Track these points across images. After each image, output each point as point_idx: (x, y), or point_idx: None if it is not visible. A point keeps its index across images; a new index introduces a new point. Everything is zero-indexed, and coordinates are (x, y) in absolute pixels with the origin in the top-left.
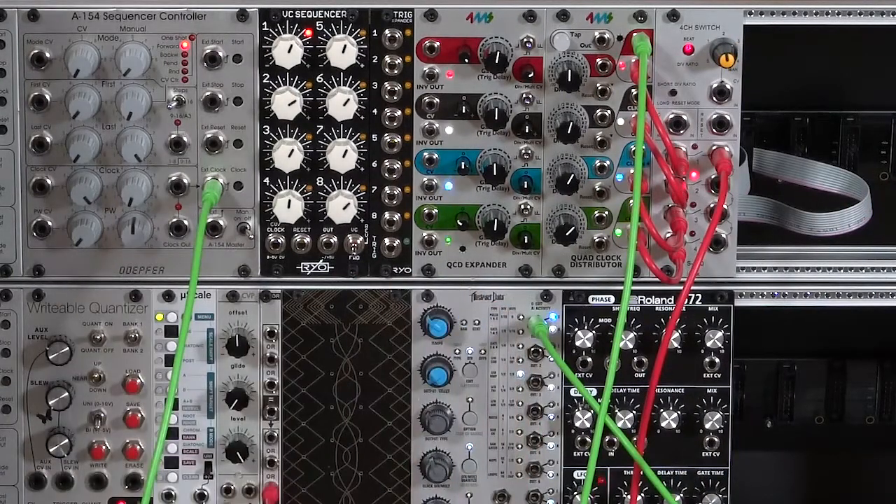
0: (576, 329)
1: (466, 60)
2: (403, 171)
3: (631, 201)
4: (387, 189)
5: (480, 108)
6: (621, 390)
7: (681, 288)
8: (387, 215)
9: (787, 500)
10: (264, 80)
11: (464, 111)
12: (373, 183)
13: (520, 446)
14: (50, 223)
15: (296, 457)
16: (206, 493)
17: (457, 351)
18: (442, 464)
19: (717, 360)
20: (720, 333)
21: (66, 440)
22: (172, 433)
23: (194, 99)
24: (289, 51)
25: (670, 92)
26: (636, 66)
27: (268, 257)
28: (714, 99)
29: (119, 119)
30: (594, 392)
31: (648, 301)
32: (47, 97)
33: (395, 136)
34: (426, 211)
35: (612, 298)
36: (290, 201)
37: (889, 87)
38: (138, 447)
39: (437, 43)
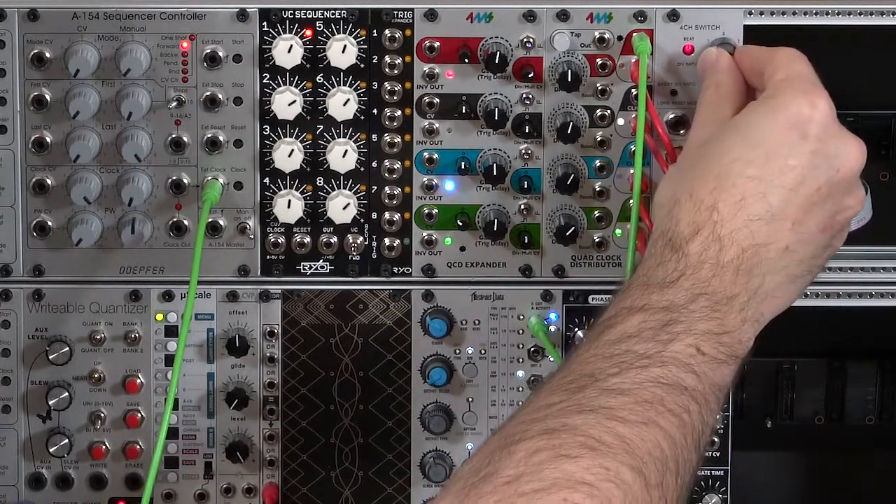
0: (576, 329)
1: (466, 60)
2: (403, 171)
3: (631, 201)
4: (387, 189)
5: (480, 108)
6: None
7: None
8: (387, 215)
9: (787, 500)
10: (264, 80)
11: (464, 111)
12: (373, 183)
13: None
14: (50, 223)
15: (296, 457)
16: (206, 493)
17: (457, 351)
18: (442, 464)
19: None
20: None
21: (66, 440)
22: (172, 433)
23: (194, 99)
24: (289, 51)
25: (670, 92)
26: (636, 66)
27: (268, 257)
28: None
29: (119, 119)
30: None
31: None
32: (47, 97)
33: (395, 136)
34: (426, 211)
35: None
36: (290, 201)
37: (889, 87)
38: (138, 447)
39: (437, 43)
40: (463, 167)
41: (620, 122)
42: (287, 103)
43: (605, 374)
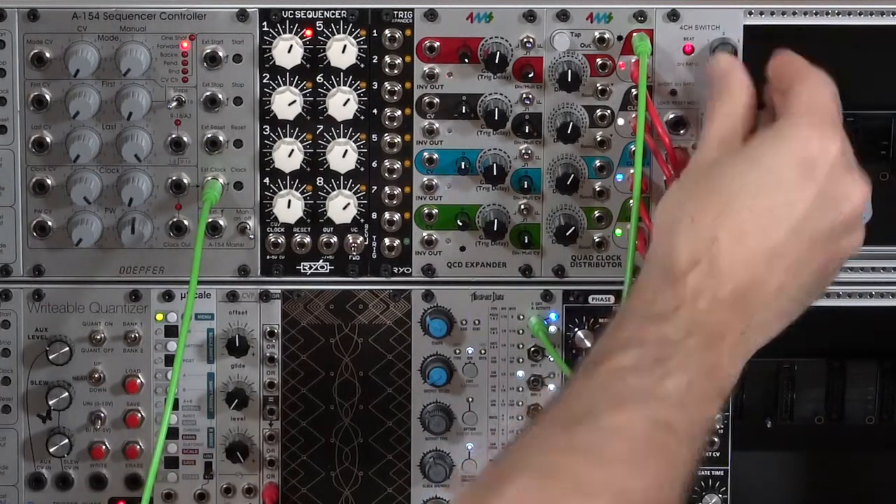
0: (576, 329)
1: (466, 60)
2: (403, 171)
3: (631, 201)
4: (387, 189)
5: (480, 108)
6: None
7: None
8: (387, 215)
9: (787, 500)
10: (264, 80)
11: (464, 111)
12: (373, 183)
13: None
14: (50, 223)
15: (296, 457)
16: (206, 493)
17: (457, 351)
18: (442, 464)
19: None
20: None
21: (66, 440)
22: (172, 433)
23: (194, 99)
24: (289, 51)
25: (670, 92)
26: (636, 66)
27: (268, 257)
28: None
29: (119, 119)
30: None
31: None
32: (47, 97)
33: (395, 136)
34: (426, 211)
35: (612, 298)
36: (290, 201)
37: (889, 87)
38: (138, 447)
39: (437, 43)
40: (463, 167)
41: (620, 122)
42: (287, 103)
43: (599, 409)
